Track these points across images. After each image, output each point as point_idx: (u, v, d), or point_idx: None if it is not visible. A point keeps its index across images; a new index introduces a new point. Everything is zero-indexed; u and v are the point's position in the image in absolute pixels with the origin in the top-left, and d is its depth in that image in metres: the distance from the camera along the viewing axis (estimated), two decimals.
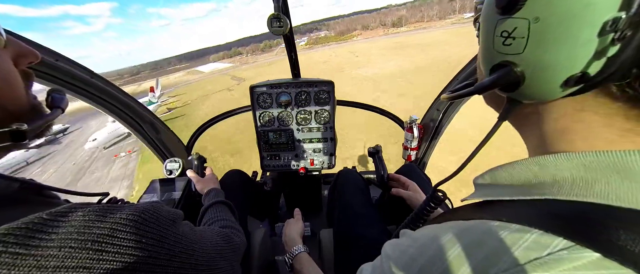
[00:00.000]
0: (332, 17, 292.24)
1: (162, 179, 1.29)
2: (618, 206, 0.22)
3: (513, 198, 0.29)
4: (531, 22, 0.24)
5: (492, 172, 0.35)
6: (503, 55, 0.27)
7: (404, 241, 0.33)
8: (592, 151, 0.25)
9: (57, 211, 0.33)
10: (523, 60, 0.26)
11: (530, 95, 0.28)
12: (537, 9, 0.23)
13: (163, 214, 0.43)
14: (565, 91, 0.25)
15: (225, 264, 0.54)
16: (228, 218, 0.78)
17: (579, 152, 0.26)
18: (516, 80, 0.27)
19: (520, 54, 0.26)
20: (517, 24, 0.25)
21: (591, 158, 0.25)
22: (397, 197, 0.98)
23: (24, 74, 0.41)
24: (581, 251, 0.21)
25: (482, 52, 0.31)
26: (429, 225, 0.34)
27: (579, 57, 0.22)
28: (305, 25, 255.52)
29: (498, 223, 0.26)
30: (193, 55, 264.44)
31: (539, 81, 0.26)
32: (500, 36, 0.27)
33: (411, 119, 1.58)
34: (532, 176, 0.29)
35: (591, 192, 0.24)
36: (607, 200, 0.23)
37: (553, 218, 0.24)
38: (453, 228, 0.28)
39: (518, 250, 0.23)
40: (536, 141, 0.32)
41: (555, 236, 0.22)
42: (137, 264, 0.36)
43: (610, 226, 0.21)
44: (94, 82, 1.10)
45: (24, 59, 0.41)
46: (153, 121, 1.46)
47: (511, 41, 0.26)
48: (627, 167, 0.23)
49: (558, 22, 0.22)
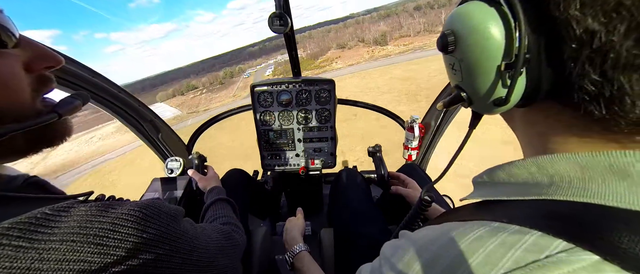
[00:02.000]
0: (299, 30, 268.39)
1: (163, 178, 1.29)
2: (616, 207, 0.22)
3: (511, 198, 0.30)
4: (459, 61, 0.31)
5: (491, 172, 0.35)
6: (454, 80, 0.35)
7: (402, 243, 0.33)
8: (589, 152, 0.25)
9: (59, 206, 0.33)
10: (464, 85, 0.33)
11: (482, 110, 0.35)
12: (459, 54, 0.31)
13: (164, 210, 0.43)
14: (500, 108, 0.31)
15: (226, 261, 0.54)
16: (229, 215, 0.79)
17: (575, 152, 0.26)
18: (465, 99, 0.34)
19: (462, 81, 0.33)
20: (453, 61, 0.33)
21: (587, 158, 0.25)
22: (398, 196, 0.98)
23: (41, 78, 0.39)
24: (580, 253, 0.21)
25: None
26: (428, 226, 0.34)
27: (494, 85, 0.29)
28: (270, 40, 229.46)
29: (497, 224, 0.26)
30: (145, 85, 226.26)
31: (479, 100, 0.33)
32: (449, 67, 0.34)
33: (412, 118, 1.58)
34: (530, 176, 0.29)
35: (588, 192, 0.24)
36: (605, 200, 0.23)
37: (551, 219, 0.24)
38: (452, 229, 0.28)
39: (517, 252, 0.22)
40: (525, 142, 0.36)
41: (555, 238, 0.22)
42: (138, 259, 0.36)
43: (609, 228, 0.21)
44: (94, 81, 1.10)
45: (42, 62, 0.39)
46: (153, 119, 1.46)
47: (455, 71, 0.33)
48: (623, 168, 0.23)
49: (473, 63, 0.30)
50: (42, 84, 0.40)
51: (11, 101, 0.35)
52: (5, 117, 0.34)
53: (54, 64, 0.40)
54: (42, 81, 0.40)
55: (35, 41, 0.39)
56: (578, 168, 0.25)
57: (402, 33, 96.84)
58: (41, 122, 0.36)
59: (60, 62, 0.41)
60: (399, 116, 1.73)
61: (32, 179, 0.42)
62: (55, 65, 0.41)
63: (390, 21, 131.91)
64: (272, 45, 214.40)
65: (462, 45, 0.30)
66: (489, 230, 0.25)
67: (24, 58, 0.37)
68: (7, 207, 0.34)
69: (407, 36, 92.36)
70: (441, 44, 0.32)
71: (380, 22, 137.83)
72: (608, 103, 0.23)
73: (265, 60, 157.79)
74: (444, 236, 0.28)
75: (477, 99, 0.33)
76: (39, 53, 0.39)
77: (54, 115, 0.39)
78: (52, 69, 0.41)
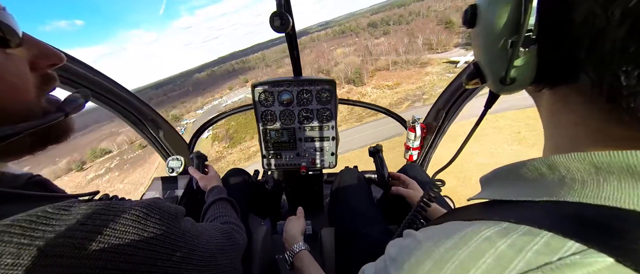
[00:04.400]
0: (230, 55, 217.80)
1: (164, 177, 1.29)
2: (632, 209, 0.22)
3: (521, 199, 0.29)
4: (477, 35, 0.32)
5: (499, 171, 0.34)
6: (475, 56, 0.36)
7: (408, 243, 0.32)
8: (604, 152, 0.24)
9: (61, 204, 0.34)
10: (479, 60, 0.34)
11: (493, 88, 0.35)
12: (477, 28, 0.32)
13: (165, 209, 0.44)
14: (507, 88, 0.31)
15: (226, 261, 0.54)
16: (230, 214, 0.79)
17: (589, 152, 0.25)
18: (477, 75, 0.35)
19: (477, 56, 0.34)
20: (474, 35, 0.33)
21: (602, 159, 0.24)
22: (399, 197, 0.98)
23: (45, 76, 0.39)
24: (594, 255, 0.20)
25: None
26: (435, 225, 0.33)
27: (500, 62, 0.29)
28: (222, 63, 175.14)
29: (506, 224, 0.25)
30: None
31: (488, 77, 0.33)
32: (473, 42, 0.35)
33: (414, 118, 1.57)
34: (541, 176, 0.29)
35: (603, 194, 0.23)
36: (620, 203, 0.22)
37: (564, 221, 0.23)
38: (460, 229, 0.27)
39: (528, 254, 0.22)
40: (547, 134, 0.34)
41: (567, 239, 0.21)
42: (138, 257, 0.37)
43: (624, 230, 0.21)
44: (96, 79, 1.11)
45: (45, 61, 0.39)
46: (155, 118, 1.46)
47: (474, 46, 0.35)
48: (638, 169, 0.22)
49: (484, 37, 0.31)
50: (46, 83, 0.40)
51: (19, 100, 0.35)
52: (14, 116, 0.34)
53: (57, 62, 0.40)
54: (46, 79, 0.40)
55: (37, 39, 0.38)
56: (593, 169, 0.24)
57: (377, 65, 63.20)
58: (50, 121, 0.37)
59: (62, 60, 0.41)
60: (400, 116, 1.72)
61: (35, 179, 0.43)
62: (59, 63, 0.41)
63: (351, 42, 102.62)
64: (221, 71, 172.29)
65: (479, 19, 0.31)
66: (499, 231, 0.25)
67: (28, 57, 0.37)
68: (10, 205, 0.34)
69: (385, 70, 60.61)
70: (464, 18, 0.33)
71: (340, 41, 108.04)
72: (610, 94, 0.22)
73: (210, 96, 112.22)
74: (453, 235, 0.27)
75: (487, 75, 0.33)
76: (42, 51, 0.39)
77: (61, 114, 0.39)
78: (55, 67, 0.41)
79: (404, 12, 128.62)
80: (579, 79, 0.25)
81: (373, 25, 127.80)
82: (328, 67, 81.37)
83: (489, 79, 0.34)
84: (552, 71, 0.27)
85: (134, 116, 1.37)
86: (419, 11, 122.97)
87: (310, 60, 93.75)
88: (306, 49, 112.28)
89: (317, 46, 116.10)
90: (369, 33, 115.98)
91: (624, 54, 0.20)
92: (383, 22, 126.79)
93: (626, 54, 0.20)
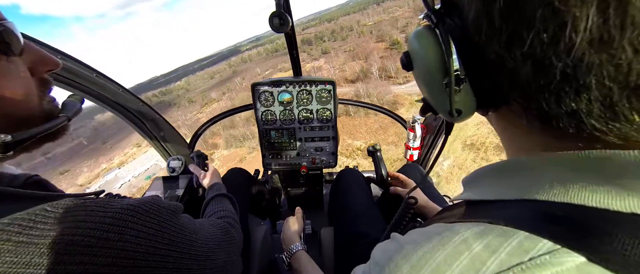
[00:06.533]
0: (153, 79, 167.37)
1: (165, 177, 1.30)
2: (598, 207, 0.22)
3: (498, 198, 0.30)
4: (417, 77, 0.36)
5: (479, 172, 0.36)
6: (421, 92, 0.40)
7: (391, 246, 0.33)
8: (569, 153, 0.25)
9: (59, 203, 0.34)
10: (426, 97, 0.37)
11: (446, 119, 0.38)
12: (415, 72, 0.35)
13: (163, 205, 0.45)
14: (457, 118, 0.33)
15: (223, 256, 0.55)
16: (228, 209, 0.79)
17: (555, 154, 0.26)
18: (430, 109, 0.38)
19: (424, 94, 0.37)
20: (414, 76, 0.37)
21: (568, 160, 0.25)
22: (398, 197, 0.98)
23: (42, 81, 0.42)
24: (565, 255, 0.20)
25: None
26: (420, 228, 0.34)
27: (444, 99, 0.32)
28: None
29: (484, 226, 0.25)
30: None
31: (438, 111, 0.36)
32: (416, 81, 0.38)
33: (414, 118, 1.57)
34: (516, 176, 0.30)
35: (570, 193, 0.24)
36: (586, 201, 0.23)
37: (537, 220, 0.24)
38: (439, 232, 0.28)
39: (501, 255, 0.22)
40: (505, 147, 0.37)
41: (540, 239, 0.22)
42: (137, 253, 0.37)
43: (594, 229, 0.21)
44: (96, 79, 1.11)
45: (43, 67, 0.41)
46: (156, 118, 1.47)
47: (419, 86, 0.37)
48: (603, 169, 0.23)
49: (423, 80, 0.34)
50: (43, 86, 0.42)
51: (27, 105, 0.37)
52: (23, 120, 0.37)
53: (54, 68, 0.43)
54: (43, 83, 0.42)
55: (34, 45, 0.40)
56: (561, 169, 0.25)
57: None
58: (57, 125, 0.41)
59: (59, 66, 0.44)
60: (400, 116, 1.72)
61: (34, 178, 0.43)
62: (55, 69, 0.43)
63: (287, 66, 76.43)
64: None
65: (415, 65, 0.34)
66: (476, 232, 0.25)
67: (28, 63, 0.38)
68: (8, 204, 0.34)
69: (345, 115, 45.68)
70: (402, 63, 0.36)
71: (275, 63, 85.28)
72: (540, 117, 0.25)
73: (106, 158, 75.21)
74: (432, 238, 0.28)
75: (437, 110, 0.36)
76: (40, 58, 0.41)
77: (65, 118, 0.43)
78: (51, 72, 0.43)
79: (335, 27, 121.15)
80: (512, 104, 0.27)
81: (308, 42, 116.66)
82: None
83: (439, 112, 0.36)
84: (488, 99, 0.30)
85: (134, 116, 1.38)
86: (350, 26, 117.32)
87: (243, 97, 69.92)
88: (237, 76, 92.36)
89: (249, 70, 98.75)
90: (307, 53, 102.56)
91: (537, 85, 0.22)
92: (317, 38, 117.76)
93: (539, 86, 0.22)
